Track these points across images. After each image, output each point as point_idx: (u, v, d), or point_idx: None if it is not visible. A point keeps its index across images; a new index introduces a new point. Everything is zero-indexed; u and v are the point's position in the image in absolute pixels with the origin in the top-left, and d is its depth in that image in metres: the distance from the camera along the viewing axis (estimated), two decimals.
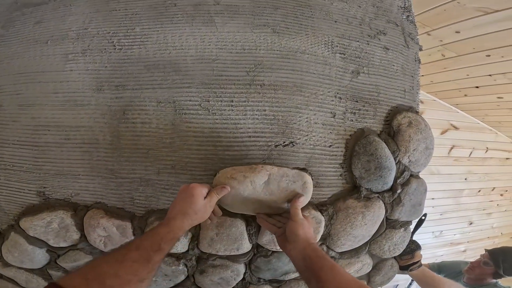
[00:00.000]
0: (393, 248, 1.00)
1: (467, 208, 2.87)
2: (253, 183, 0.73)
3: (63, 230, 0.84)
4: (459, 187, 2.71)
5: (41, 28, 0.89)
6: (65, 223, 0.83)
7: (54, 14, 0.90)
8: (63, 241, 0.86)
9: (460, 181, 2.68)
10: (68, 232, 0.84)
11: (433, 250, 2.94)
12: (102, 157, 0.83)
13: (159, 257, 0.55)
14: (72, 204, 0.85)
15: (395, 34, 0.95)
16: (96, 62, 0.84)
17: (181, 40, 0.82)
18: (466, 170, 2.67)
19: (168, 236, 0.58)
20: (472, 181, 2.75)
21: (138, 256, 0.51)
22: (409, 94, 0.93)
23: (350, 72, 0.87)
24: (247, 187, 0.73)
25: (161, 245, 0.55)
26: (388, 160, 0.80)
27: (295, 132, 0.81)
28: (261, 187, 0.74)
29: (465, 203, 2.82)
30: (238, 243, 0.84)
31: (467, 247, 3.19)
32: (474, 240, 3.19)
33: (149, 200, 0.84)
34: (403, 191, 0.88)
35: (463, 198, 2.78)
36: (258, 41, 0.83)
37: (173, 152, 0.81)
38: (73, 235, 0.85)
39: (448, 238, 2.97)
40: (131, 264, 0.50)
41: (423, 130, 0.85)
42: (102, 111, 0.83)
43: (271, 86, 0.81)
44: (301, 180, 0.76)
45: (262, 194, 0.75)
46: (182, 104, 0.80)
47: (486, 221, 3.13)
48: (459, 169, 2.61)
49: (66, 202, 0.85)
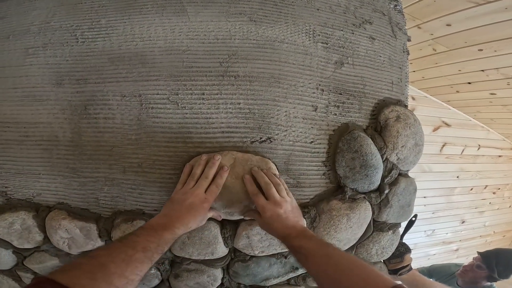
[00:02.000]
0: (381, 252, 0.92)
1: (459, 207, 2.81)
2: (220, 165, 0.68)
3: (26, 231, 0.78)
4: (451, 185, 2.65)
5: (4, 23, 0.83)
6: (27, 224, 0.77)
7: (18, 9, 0.83)
8: (27, 243, 0.80)
9: (452, 179, 2.62)
10: (31, 234, 0.78)
11: (425, 249, 2.88)
12: (62, 155, 0.75)
13: (159, 257, 0.55)
14: (34, 205, 0.79)
15: (382, 24, 0.87)
16: (57, 56, 0.76)
17: (149, 31, 0.75)
18: (458, 168, 2.60)
19: (171, 241, 0.58)
20: (464, 179, 2.68)
21: (143, 257, 0.51)
22: (397, 86, 0.85)
23: (333, 62, 0.79)
24: None
25: (164, 248, 0.56)
26: (374, 158, 0.72)
27: (272, 127, 0.73)
28: (228, 169, 0.68)
29: (457, 201, 2.76)
30: (212, 247, 0.77)
31: (459, 246, 3.13)
32: (466, 239, 3.13)
33: (115, 201, 0.76)
34: (391, 191, 0.80)
35: (455, 197, 2.72)
36: (233, 30, 0.75)
37: (139, 149, 0.73)
38: (35, 236, 0.79)
39: (440, 237, 2.91)
40: (137, 265, 0.50)
41: (412, 125, 0.78)
42: (62, 106, 0.75)
43: (246, 77, 0.73)
44: (265, 166, 0.69)
45: (229, 178, 0.68)
46: (148, 98, 0.72)
47: (479, 220, 3.07)
48: (451, 166, 2.54)
49: (28, 203, 0.79)
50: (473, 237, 3.17)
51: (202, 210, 0.62)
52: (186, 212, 0.61)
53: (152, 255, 0.53)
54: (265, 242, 0.79)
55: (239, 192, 0.70)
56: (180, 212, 0.60)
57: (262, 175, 0.66)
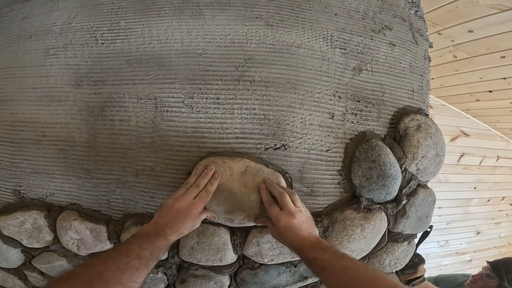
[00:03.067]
0: (395, 263, 0.89)
1: (475, 218, 2.70)
2: (230, 170, 0.67)
3: (36, 230, 0.78)
4: (468, 196, 2.54)
5: (27, 23, 0.84)
6: (38, 224, 0.77)
7: (41, 10, 0.84)
8: (36, 242, 0.80)
9: (469, 190, 2.51)
10: (41, 233, 0.78)
11: (438, 259, 2.77)
12: (77, 155, 0.75)
13: (154, 264, 0.55)
14: (46, 204, 0.79)
15: (402, 30, 0.84)
16: (77, 56, 0.76)
17: (166, 33, 0.74)
18: (475, 179, 2.50)
19: (164, 248, 0.58)
20: (481, 190, 2.57)
21: (139, 264, 0.51)
22: (417, 94, 0.82)
23: (351, 69, 0.76)
24: (225, 172, 0.67)
25: (159, 255, 0.56)
26: (392, 168, 0.69)
27: (287, 134, 0.71)
28: (238, 176, 0.67)
29: (473, 212, 2.65)
30: (221, 253, 0.75)
31: (473, 257, 3.00)
32: (480, 250, 3.00)
33: (126, 204, 0.76)
34: (409, 202, 0.76)
35: (471, 208, 2.61)
36: (250, 34, 0.74)
37: (153, 152, 0.72)
38: (46, 236, 0.79)
39: (453, 248, 2.80)
40: (133, 272, 0.50)
41: (433, 135, 0.74)
42: (80, 107, 0.75)
43: (262, 82, 0.71)
44: (275, 180, 0.68)
45: (238, 184, 0.67)
46: (163, 101, 0.71)
47: (494, 231, 2.94)
48: (468, 177, 2.44)
49: (41, 202, 0.79)
50: (487, 248, 3.04)
51: (189, 216, 0.61)
52: (173, 218, 0.60)
53: (147, 262, 0.53)
54: (275, 251, 0.77)
55: (244, 200, 0.68)
56: (168, 218, 0.60)
57: (276, 185, 0.66)
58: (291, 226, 0.60)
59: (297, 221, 0.60)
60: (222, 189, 0.68)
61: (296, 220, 0.60)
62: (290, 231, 0.60)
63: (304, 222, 0.61)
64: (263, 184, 0.67)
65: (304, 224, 0.61)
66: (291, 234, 0.60)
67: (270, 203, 0.64)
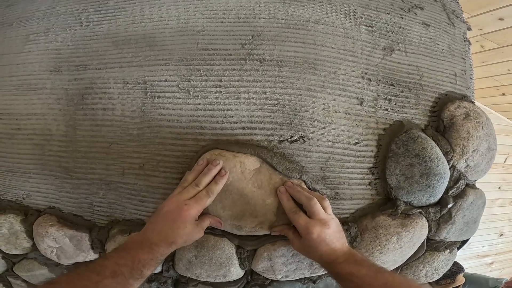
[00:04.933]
0: (432, 273, 0.74)
1: (498, 219, 2.52)
2: (242, 165, 0.54)
3: (13, 236, 0.69)
4: (492, 197, 2.36)
5: (10, 11, 0.76)
6: (14, 229, 0.68)
7: None
8: (15, 249, 0.71)
9: (493, 190, 2.34)
10: (18, 239, 0.69)
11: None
12: (55, 151, 0.63)
13: (138, 284, 0.46)
14: (23, 208, 0.68)
15: (435, 10, 0.72)
16: (58, 41, 0.66)
17: (160, 11, 0.63)
18: (500, 178, 2.32)
19: (151, 262, 0.47)
20: (506, 190, 2.40)
21: (114, 283, 0.42)
22: (461, 79, 0.68)
23: (381, 48, 0.63)
24: (235, 168, 0.54)
25: (143, 272, 0.45)
26: (441, 165, 0.54)
27: (307, 123, 0.57)
28: (251, 174, 0.54)
29: (497, 213, 2.47)
30: (224, 269, 0.62)
31: (494, 259, 2.80)
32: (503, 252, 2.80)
33: (112, 208, 0.63)
34: (456, 205, 0.62)
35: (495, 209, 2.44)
36: (258, 8, 0.61)
37: (141, 147, 0.59)
38: (23, 243, 0.70)
39: (475, 250, 2.62)
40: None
41: (485, 125, 0.59)
42: (58, 96, 0.63)
43: (274, 61, 0.58)
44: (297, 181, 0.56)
45: (250, 185, 0.54)
46: (155, 85, 0.58)
47: None
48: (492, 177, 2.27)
49: (18, 205, 0.69)
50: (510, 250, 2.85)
51: (179, 219, 0.48)
52: (160, 223, 0.48)
53: (125, 281, 0.43)
54: (291, 266, 0.63)
55: (257, 205, 0.54)
56: (154, 225, 0.49)
57: (300, 189, 0.53)
58: (325, 238, 0.49)
59: (332, 231, 0.50)
60: (230, 190, 0.54)
61: (331, 230, 0.50)
62: (323, 243, 0.49)
63: (338, 231, 0.52)
64: (282, 187, 0.53)
65: (337, 234, 0.51)
66: (323, 246, 0.49)
67: (293, 210, 0.52)
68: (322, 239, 0.49)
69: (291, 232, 0.53)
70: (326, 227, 0.50)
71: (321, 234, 0.49)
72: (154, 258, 0.47)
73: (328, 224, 0.50)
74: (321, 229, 0.49)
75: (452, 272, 0.96)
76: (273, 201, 0.55)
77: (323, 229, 0.49)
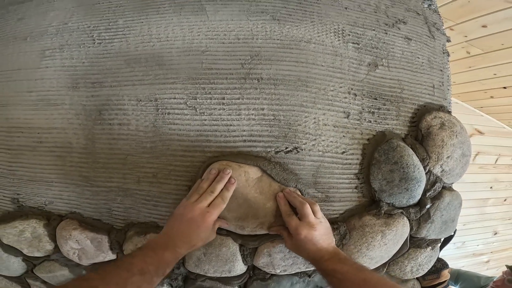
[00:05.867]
0: (417, 269, 0.81)
1: (492, 218, 2.59)
2: (246, 174, 0.61)
3: (36, 240, 0.74)
4: (484, 196, 2.44)
5: (22, 24, 0.79)
6: (37, 233, 0.73)
7: (37, 10, 0.80)
8: (37, 251, 0.76)
9: (485, 190, 2.41)
10: (41, 242, 0.74)
11: (454, 261, 2.66)
12: (75, 162, 0.69)
13: (159, 281, 0.50)
14: (45, 213, 0.74)
15: (417, 24, 0.78)
16: (73, 57, 0.71)
17: (166, 31, 0.68)
18: (491, 178, 2.39)
19: (174, 262, 0.52)
20: (498, 190, 2.46)
21: (141, 280, 0.46)
22: (438, 90, 0.74)
23: (366, 64, 0.69)
24: (240, 176, 0.61)
25: (166, 270, 0.50)
26: (417, 170, 0.62)
27: (300, 136, 0.64)
28: (254, 181, 0.62)
29: (490, 212, 2.53)
30: (229, 264, 0.69)
31: (490, 258, 2.88)
32: (498, 251, 2.88)
33: (128, 212, 0.70)
34: (433, 206, 0.69)
35: (488, 208, 2.50)
36: (255, 29, 0.68)
37: (154, 158, 0.66)
38: (46, 245, 0.75)
39: (470, 249, 2.69)
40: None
41: (459, 133, 0.66)
42: (77, 111, 0.69)
43: (271, 80, 0.65)
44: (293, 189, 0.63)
45: (253, 191, 0.62)
46: (165, 102, 0.65)
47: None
48: (484, 177, 2.34)
49: (40, 211, 0.74)
50: (505, 248, 2.92)
51: (203, 225, 0.54)
52: (186, 228, 0.53)
53: (151, 278, 0.47)
54: (288, 261, 0.70)
55: (258, 208, 0.62)
56: (180, 229, 0.54)
57: (296, 195, 0.60)
58: (311, 238, 0.56)
59: (318, 233, 0.56)
60: (236, 195, 0.61)
61: (317, 232, 0.56)
62: (310, 243, 0.56)
63: (324, 233, 0.58)
64: (280, 193, 0.61)
65: (324, 236, 0.57)
66: (310, 246, 0.56)
67: (288, 213, 0.59)
68: (309, 239, 0.55)
69: (285, 232, 0.60)
70: (313, 229, 0.56)
71: (308, 235, 0.55)
72: (176, 258, 0.52)
73: (315, 227, 0.56)
74: (308, 231, 0.55)
75: (437, 268, 1.01)
76: (272, 205, 0.62)
77: (310, 231, 0.55)
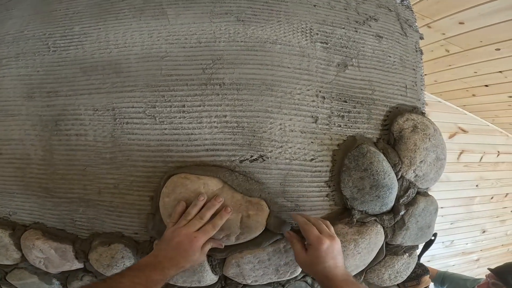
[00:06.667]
0: (395, 276, 0.78)
1: (479, 216, 2.57)
2: (206, 187, 0.58)
3: (3, 248, 0.73)
4: (471, 195, 2.42)
5: None
6: (4, 242, 0.72)
7: None
8: (6, 259, 0.75)
9: (471, 188, 2.39)
10: (8, 251, 0.74)
11: (444, 260, 2.64)
12: (35, 174, 0.66)
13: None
14: (11, 223, 0.72)
15: (389, 21, 0.74)
16: (29, 66, 0.68)
17: (124, 37, 0.65)
18: (477, 176, 2.38)
19: (161, 282, 0.52)
20: (484, 188, 2.45)
21: None
22: (411, 91, 0.71)
23: (335, 65, 0.66)
24: (199, 189, 0.58)
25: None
26: (387, 177, 0.58)
27: (265, 143, 0.60)
28: (214, 193, 0.58)
29: (477, 210, 2.52)
30: (198, 275, 0.66)
31: (480, 256, 2.86)
32: (487, 249, 2.86)
33: (92, 223, 0.67)
34: (408, 212, 0.66)
35: (475, 206, 2.49)
36: (218, 32, 0.64)
37: (115, 169, 0.62)
38: (13, 254, 0.74)
39: (459, 248, 2.66)
40: None
41: (432, 136, 0.64)
42: (33, 122, 0.66)
43: (233, 85, 0.61)
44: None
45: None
46: (123, 112, 0.61)
47: (500, 229, 2.79)
48: (469, 175, 2.32)
49: (5, 221, 0.72)
50: (494, 246, 2.89)
51: (191, 249, 0.54)
52: (173, 252, 0.54)
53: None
54: (259, 271, 0.67)
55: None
56: (168, 252, 0.54)
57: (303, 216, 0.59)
58: (332, 251, 0.54)
59: (338, 247, 0.55)
60: None
61: (337, 246, 0.55)
62: (330, 256, 0.54)
63: (340, 251, 0.56)
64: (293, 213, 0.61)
65: (340, 252, 0.56)
66: (330, 260, 0.54)
67: (307, 223, 0.56)
68: (330, 251, 0.54)
69: (299, 245, 0.57)
70: (335, 242, 0.55)
71: (330, 247, 0.54)
72: (164, 279, 0.52)
73: (336, 240, 0.55)
74: (330, 243, 0.54)
75: (417, 274, 0.99)
76: (236, 216, 0.58)
77: (332, 243, 0.54)
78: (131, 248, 0.65)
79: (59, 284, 0.79)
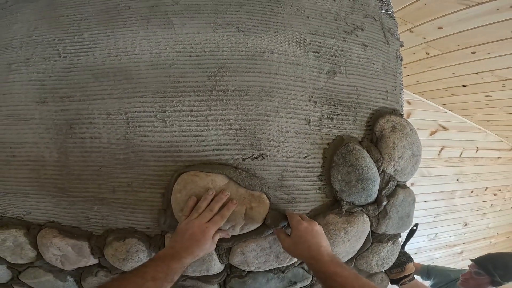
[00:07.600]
0: (382, 263, 0.89)
1: (461, 210, 2.75)
2: (213, 182, 0.66)
3: (18, 248, 0.78)
4: (452, 189, 2.59)
5: None
6: (18, 241, 0.77)
7: (0, 23, 0.80)
8: (20, 258, 0.80)
9: (452, 182, 2.56)
10: (23, 250, 0.78)
11: (429, 253, 2.82)
12: (50, 175, 0.72)
13: (169, 286, 0.57)
14: (25, 223, 0.77)
15: (374, 30, 0.84)
16: (40, 71, 0.73)
17: (133, 44, 0.71)
18: (457, 171, 2.55)
19: (180, 270, 0.59)
20: (464, 182, 2.63)
21: (153, 286, 0.53)
22: (391, 95, 0.82)
23: (325, 72, 0.76)
24: (208, 185, 0.66)
25: (174, 277, 0.57)
26: (370, 171, 0.69)
27: (264, 143, 0.70)
28: (221, 188, 0.67)
29: (458, 204, 2.70)
30: (207, 264, 0.75)
31: (463, 249, 3.05)
32: (470, 241, 3.05)
33: (106, 219, 0.73)
34: (389, 203, 0.77)
35: (456, 200, 2.66)
36: (221, 41, 0.72)
37: (128, 169, 0.69)
38: (28, 253, 0.78)
39: (443, 241, 2.84)
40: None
41: (408, 135, 0.75)
42: (47, 126, 0.71)
43: (236, 91, 0.70)
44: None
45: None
46: (135, 116, 0.69)
47: (481, 222, 3.00)
48: (450, 170, 2.49)
49: (19, 221, 0.77)
50: (477, 239, 3.09)
51: (203, 238, 0.62)
52: (188, 242, 0.61)
53: (162, 284, 0.54)
54: (261, 258, 0.76)
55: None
56: (183, 243, 0.61)
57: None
58: (312, 231, 0.63)
59: (318, 228, 0.64)
60: None
61: (317, 227, 0.64)
62: (310, 235, 0.62)
63: (322, 233, 0.65)
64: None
65: (322, 235, 0.64)
66: (311, 239, 0.62)
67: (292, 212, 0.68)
68: (309, 230, 0.63)
69: (282, 233, 0.68)
70: (314, 224, 0.64)
71: (309, 227, 0.63)
72: (182, 267, 0.59)
73: (314, 223, 0.65)
74: (308, 224, 0.63)
75: (402, 262, 1.09)
76: (241, 208, 0.67)
77: (311, 224, 0.64)
78: (144, 242, 0.72)
79: (73, 281, 0.84)
